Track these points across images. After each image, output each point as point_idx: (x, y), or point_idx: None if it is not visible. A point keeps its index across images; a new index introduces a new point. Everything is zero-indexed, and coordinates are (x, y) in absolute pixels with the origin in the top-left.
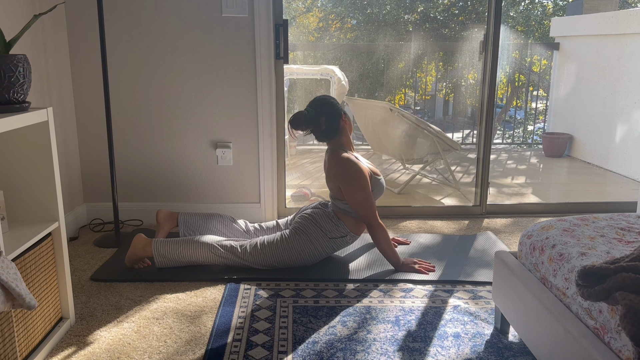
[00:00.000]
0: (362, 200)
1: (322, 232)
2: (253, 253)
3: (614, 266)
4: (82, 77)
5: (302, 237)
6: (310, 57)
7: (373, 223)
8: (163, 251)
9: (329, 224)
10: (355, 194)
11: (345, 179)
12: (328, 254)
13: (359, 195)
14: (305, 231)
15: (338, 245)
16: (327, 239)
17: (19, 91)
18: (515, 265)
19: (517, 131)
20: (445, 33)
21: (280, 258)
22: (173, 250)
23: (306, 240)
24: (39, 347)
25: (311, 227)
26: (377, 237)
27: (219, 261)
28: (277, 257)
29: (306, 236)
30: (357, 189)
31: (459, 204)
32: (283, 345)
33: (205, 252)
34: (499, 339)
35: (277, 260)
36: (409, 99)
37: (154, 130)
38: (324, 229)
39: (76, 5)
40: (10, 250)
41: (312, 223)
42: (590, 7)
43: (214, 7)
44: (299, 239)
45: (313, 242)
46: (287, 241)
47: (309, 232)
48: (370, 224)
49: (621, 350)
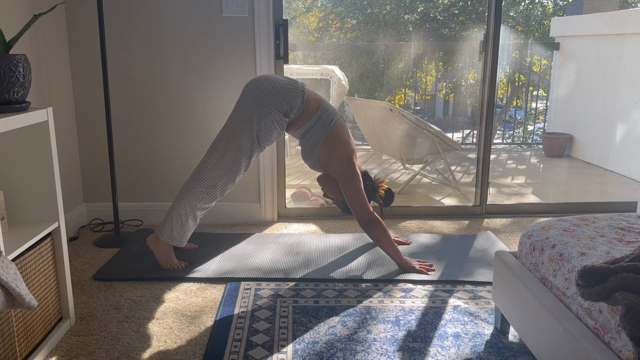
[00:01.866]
0: (357, 194)
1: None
2: (207, 155)
3: (614, 266)
4: (82, 77)
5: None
6: (310, 57)
7: (369, 216)
8: (169, 232)
9: (289, 92)
10: (352, 187)
11: (342, 172)
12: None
13: (355, 188)
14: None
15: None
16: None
17: (19, 91)
18: (515, 265)
19: (517, 131)
20: (445, 33)
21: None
22: (173, 224)
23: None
24: (39, 347)
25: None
26: (377, 234)
27: (201, 199)
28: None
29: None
30: (353, 182)
31: (459, 204)
32: (283, 345)
33: (188, 204)
34: (499, 339)
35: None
36: (409, 99)
37: (154, 130)
38: (281, 94)
39: (76, 5)
40: (10, 250)
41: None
42: (590, 7)
43: (214, 7)
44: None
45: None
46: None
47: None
48: (367, 219)
49: (621, 350)
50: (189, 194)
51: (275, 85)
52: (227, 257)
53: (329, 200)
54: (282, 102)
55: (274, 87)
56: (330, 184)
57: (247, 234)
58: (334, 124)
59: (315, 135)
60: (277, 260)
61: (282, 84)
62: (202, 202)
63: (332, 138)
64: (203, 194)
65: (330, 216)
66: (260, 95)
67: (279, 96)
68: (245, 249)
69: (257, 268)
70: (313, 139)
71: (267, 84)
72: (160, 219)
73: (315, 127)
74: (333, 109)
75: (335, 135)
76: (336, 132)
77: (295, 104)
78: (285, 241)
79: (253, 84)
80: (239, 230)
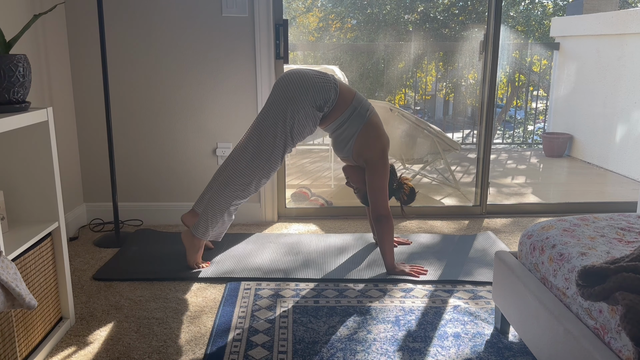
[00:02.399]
0: (380, 187)
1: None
2: (235, 160)
3: (614, 266)
4: (82, 77)
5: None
6: (310, 57)
7: (386, 213)
8: (205, 229)
9: (324, 87)
10: (377, 180)
11: (373, 163)
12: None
13: (381, 181)
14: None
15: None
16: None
17: (19, 91)
18: (515, 265)
19: (517, 131)
20: (445, 33)
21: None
22: (209, 221)
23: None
24: (39, 347)
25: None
26: (384, 230)
27: (237, 195)
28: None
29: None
30: (381, 175)
31: (459, 204)
32: (283, 345)
33: (225, 201)
34: (499, 339)
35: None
36: (409, 99)
37: (154, 130)
38: (314, 89)
39: (76, 5)
40: (10, 250)
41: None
42: (590, 7)
43: (214, 7)
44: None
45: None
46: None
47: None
48: (381, 214)
49: (621, 350)
50: (225, 191)
51: (308, 80)
52: (227, 257)
53: (351, 187)
54: (316, 97)
55: (306, 82)
56: (356, 174)
57: (247, 234)
58: (370, 113)
59: (351, 127)
60: (277, 260)
61: (314, 78)
62: (237, 198)
63: (368, 128)
64: (239, 191)
65: (330, 216)
66: (292, 90)
67: (312, 91)
68: (245, 249)
69: (257, 268)
70: (349, 131)
71: (299, 78)
72: (161, 218)
73: (351, 118)
74: (365, 99)
75: (372, 125)
76: (373, 122)
77: (329, 98)
78: (285, 241)
79: (285, 79)
80: (239, 230)
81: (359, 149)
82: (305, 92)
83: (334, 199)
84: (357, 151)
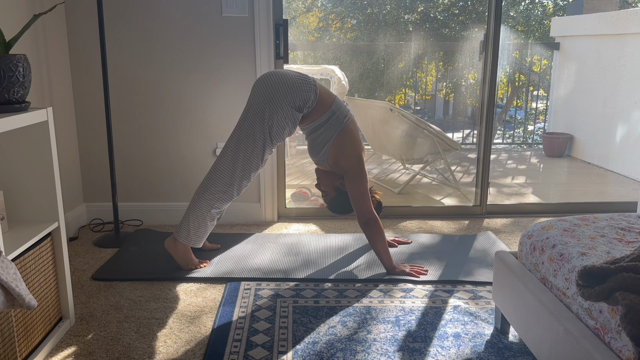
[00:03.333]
0: (362, 193)
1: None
2: (221, 156)
3: (614, 266)
4: (82, 77)
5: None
6: (310, 57)
7: (371, 216)
8: (186, 233)
9: (302, 88)
10: (358, 187)
11: (352, 172)
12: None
13: (361, 187)
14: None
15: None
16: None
17: (19, 91)
18: (516, 265)
19: (517, 131)
20: (445, 33)
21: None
22: (190, 225)
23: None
24: (39, 347)
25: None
26: (374, 233)
27: (218, 198)
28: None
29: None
30: (360, 181)
31: (459, 204)
32: (283, 345)
33: (205, 204)
34: (499, 339)
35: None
36: (409, 99)
37: (154, 130)
38: (294, 90)
39: (76, 5)
40: (10, 250)
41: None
42: (590, 7)
43: (214, 7)
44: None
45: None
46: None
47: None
48: (368, 218)
49: (621, 350)
50: (206, 195)
51: (287, 80)
52: (227, 257)
53: (320, 191)
54: (295, 97)
55: (285, 82)
56: (326, 178)
57: (247, 234)
58: (347, 120)
59: (327, 131)
60: (277, 261)
61: (293, 78)
62: (219, 201)
63: (344, 134)
64: (219, 193)
65: (330, 216)
66: (271, 90)
67: (290, 91)
68: (245, 249)
69: (257, 268)
70: (325, 135)
71: (278, 79)
72: (161, 218)
73: (328, 122)
74: (345, 105)
75: (348, 132)
76: (349, 129)
77: (309, 99)
78: (285, 241)
79: (263, 79)
80: (239, 230)
81: (335, 156)
82: (284, 92)
83: None
84: (332, 157)
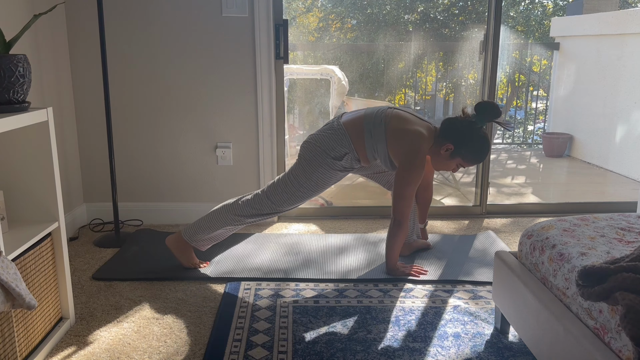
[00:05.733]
0: (406, 196)
1: (324, 152)
2: (267, 195)
3: (614, 266)
4: (82, 77)
5: (303, 165)
6: (310, 57)
7: (403, 220)
8: (194, 235)
9: (331, 139)
10: (405, 185)
11: (404, 163)
12: (331, 178)
13: (408, 188)
14: (305, 158)
15: (341, 166)
16: (330, 160)
17: (19, 91)
18: (515, 265)
19: (517, 131)
20: (445, 33)
21: (288, 190)
22: (201, 227)
23: (307, 166)
24: (39, 347)
25: (311, 151)
26: (395, 234)
27: (240, 220)
28: (285, 191)
29: (307, 163)
30: (411, 179)
31: (459, 204)
32: (283, 345)
33: (228, 214)
34: (499, 339)
35: (288, 195)
36: (409, 99)
37: (154, 130)
38: (325, 145)
39: (76, 5)
40: (10, 250)
41: (312, 146)
42: (590, 7)
43: (214, 7)
44: (300, 167)
45: (315, 166)
46: (291, 172)
47: (309, 158)
48: (399, 220)
49: (621, 350)
50: (231, 214)
51: (317, 139)
52: (227, 257)
53: None
54: (328, 150)
55: (317, 141)
56: (438, 165)
57: (247, 234)
58: (385, 119)
59: (379, 144)
60: (277, 260)
61: (321, 134)
62: (238, 223)
63: (392, 134)
64: (243, 218)
65: (330, 216)
66: (307, 154)
67: (322, 147)
68: (245, 249)
69: (257, 268)
70: (380, 150)
71: (310, 141)
72: (161, 218)
73: (373, 138)
74: (375, 109)
75: (394, 130)
76: (392, 127)
77: (341, 143)
78: (285, 241)
79: (302, 146)
80: (239, 230)
81: (396, 156)
82: (317, 150)
83: (334, 199)
84: (395, 158)
